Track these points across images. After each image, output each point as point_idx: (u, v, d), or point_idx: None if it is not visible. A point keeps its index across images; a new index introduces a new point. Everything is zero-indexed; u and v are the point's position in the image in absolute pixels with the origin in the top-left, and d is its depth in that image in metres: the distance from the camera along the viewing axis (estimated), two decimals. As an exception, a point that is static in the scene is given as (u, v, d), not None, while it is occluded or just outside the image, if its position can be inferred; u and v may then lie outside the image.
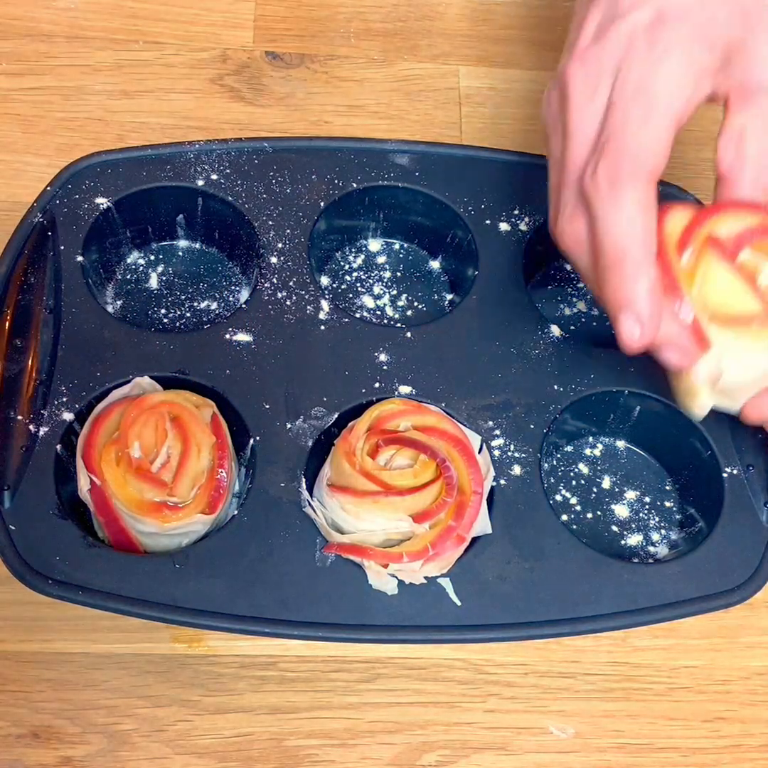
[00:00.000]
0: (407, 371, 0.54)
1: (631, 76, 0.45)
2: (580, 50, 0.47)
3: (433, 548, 0.48)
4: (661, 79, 0.45)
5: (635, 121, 0.44)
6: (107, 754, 0.49)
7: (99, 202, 0.56)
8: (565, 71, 0.47)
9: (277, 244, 0.56)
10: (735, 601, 0.50)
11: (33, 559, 0.47)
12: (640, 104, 0.44)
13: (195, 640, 0.51)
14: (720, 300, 0.46)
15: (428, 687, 0.52)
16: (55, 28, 0.68)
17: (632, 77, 0.45)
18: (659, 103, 0.45)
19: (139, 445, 0.49)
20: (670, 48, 0.45)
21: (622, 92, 0.45)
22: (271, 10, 0.71)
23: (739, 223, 0.47)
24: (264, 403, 0.52)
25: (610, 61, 0.46)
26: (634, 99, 0.45)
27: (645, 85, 0.45)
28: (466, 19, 0.73)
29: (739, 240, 0.46)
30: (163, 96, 0.67)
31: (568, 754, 0.51)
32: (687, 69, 0.45)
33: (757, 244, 0.46)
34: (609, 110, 0.45)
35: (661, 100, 0.45)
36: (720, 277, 0.46)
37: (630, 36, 0.46)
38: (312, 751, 0.50)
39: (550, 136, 0.49)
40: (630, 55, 0.45)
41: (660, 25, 0.45)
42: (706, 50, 0.45)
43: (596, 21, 0.47)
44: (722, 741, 0.52)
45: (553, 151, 0.49)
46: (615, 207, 0.44)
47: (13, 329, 0.52)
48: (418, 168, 0.59)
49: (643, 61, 0.45)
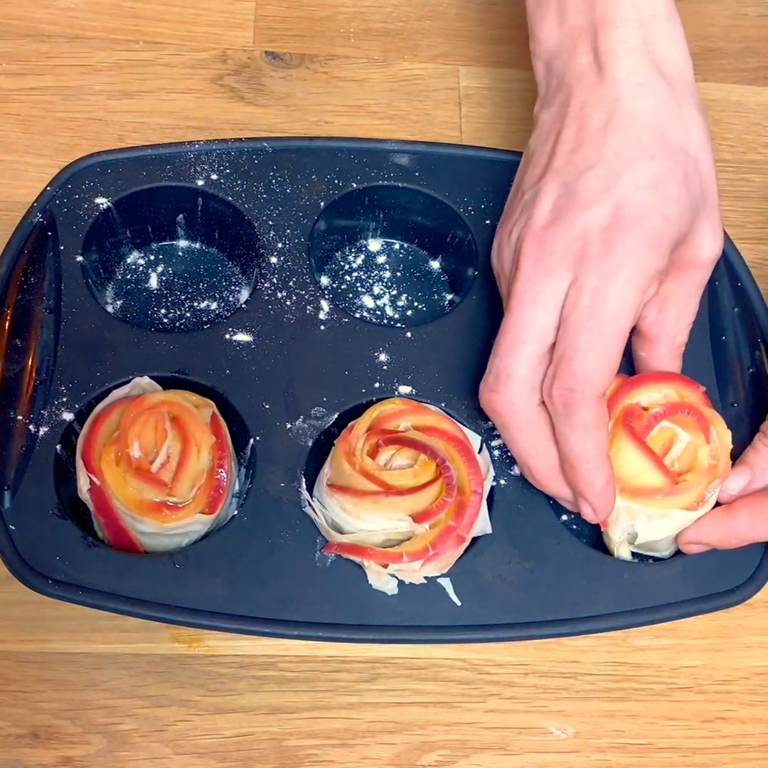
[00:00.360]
0: (407, 371, 0.54)
1: (585, 291, 0.45)
2: (537, 228, 0.47)
3: (433, 548, 0.48)
4: (613, 299, 0.45)
5: (586, 346, 0.45)
6: (107, 754, 0.49)
7: (99, 202, 0.56)
8: (521, 244, 0.47)
9: (277, 244, 0.56)
10: (735, 601, 0.50)
11: (33, 559, 0.47)
12: (591, 329, 0.45)
13: (195, 640, 0.51)
14: (629, 473, 0.50)
15: (428, 687, 0.52)
16: (55, 28, 0.68)
17: (586, 292, 0.45)
18: (611, 330, 0.45)
19: (139, 445, 0.49)
20: (624, 260, 0.45)
21: (575, 309, 0.45)
22: (271, 10, 0.71)
23: (656, 393, 0.51)
24: (264, 403, 0.52)
25: (566, 257, 0.46)
26: (587, 321, 0.45)
27: (598, 304, 0.45)
28: (466, 19, 0.73)
29: (655, 416, 0.50)
30: (163, 96, 0.67)
31: (568, 754, 0.51)
32: (640, 281, 0.46)
33: (671, 419, 0.51)
34: (562, 325, 0.46)
35: (613, 325, 0.45)
36: (629, 455, 0.50)
37: (585, 234, 0.46)
38: (312, 751, 0.50)
39: (500, 286, 0.51)
40: (586, 259, 0.45)
41: (616, 231, 0.45)
42: (658, 257, 0.46)
43: (553, 197, 0.47)
44: (722, 741, 0.52)
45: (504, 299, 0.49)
46: (570, 427, 0.46)
47: (13, 329, 0.52)
48: (418, 168, 0.59)
49: (598, 270, 0.45)
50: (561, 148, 0.48)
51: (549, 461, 0.48)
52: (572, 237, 0.46)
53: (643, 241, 0.45)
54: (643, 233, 0.45)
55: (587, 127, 0.48)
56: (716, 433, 0.51)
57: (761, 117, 0.72)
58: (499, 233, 0.51)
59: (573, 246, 0.46)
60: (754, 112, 0.72)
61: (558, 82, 0.50)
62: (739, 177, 0.69)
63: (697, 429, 0.50)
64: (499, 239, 0.50)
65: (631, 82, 0.48)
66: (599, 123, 0.47)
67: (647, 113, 0.47)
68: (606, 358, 0.45)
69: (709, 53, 0.73)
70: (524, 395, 0.46)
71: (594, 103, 0.48)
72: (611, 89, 0.48)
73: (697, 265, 0.50)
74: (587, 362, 0.45)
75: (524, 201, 0.49)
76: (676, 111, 0.48)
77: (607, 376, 0.46)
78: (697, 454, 0.50)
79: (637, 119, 0.47)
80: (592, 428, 0.46)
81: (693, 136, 0.48)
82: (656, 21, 0.48)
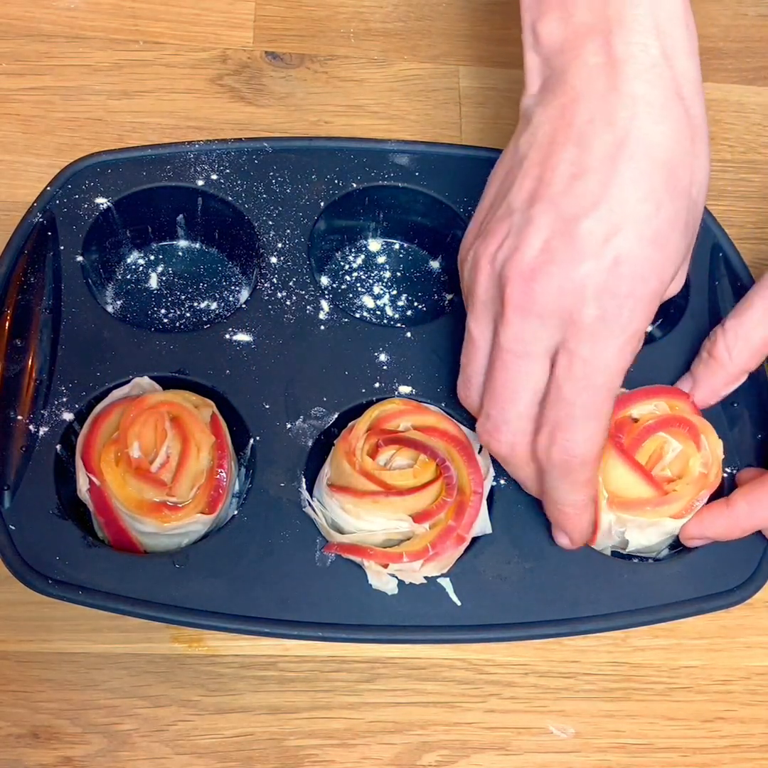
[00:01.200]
0: (407, 371, 0.54)
1: (577, 360, 0.43)
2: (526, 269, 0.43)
3: (433, 548, 0.48)
4: (606, 370, 0.43)
5: (583, 415, 0.44)
6: (107, 754, 0.49)
7: (99, 202, 0.56)
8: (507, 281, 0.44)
9: (277, 244, 0.56)
10: (735, 601, 0.50)
11: (33, 559, 0.47)
12: (586, 400, 0.43)
13: (195, 640, 0.51)
14: (618, 487, 0.50)
15: (428, 687, 0.52)
16: (55, 28, 0.68)
17: (578, 361, 0.43)
18: (605, 396, 0.44)
19: (139, 445, 0.49)
20: (617, 331, 0.43)
21: (569, 379, 0.43)
22: (271, 10, 0.71)
23: (647, 406, 0.52)
24: (264, 403, 0.52)
25: (556, 312, 0.43)
26: (582, 391, 0.43)
27: (591, 375, 0.43)
28: (466, 19, 0.73)
29: (647, 429, 0.51)
30: (163, 96, 0.67)
31: (568, 754, 0.51)
32: (632, 347, 0.44)
33: (663, 431, 0.51)
34: (554, 388, 0.44)
35: (606, 392, 0.44)
36: (618, 470, 0.50)
37: (579, 290, 0.42)
38: (312, 751, 0.50)
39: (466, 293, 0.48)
40: (579, 322, 0.43)
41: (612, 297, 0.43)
42: (648, 319, 0.44)
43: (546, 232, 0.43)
44: (722, 741, 0.52)
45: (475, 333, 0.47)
46: (563, 482, 0.46)
47: (13, 329, 0.52)
48: (418, 168, 0.59)
49: (592, 338, 0.43)
50: (561, 168, 0.43)
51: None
52: (564, 291, 0.42)
53: (638, 308, 0.43)
54: (639, 300, 0.43)
55: (594, 150, 0.43)
56: (707, 441, 0.51)
57: (761, 117, 0.72)
58: (480, 244, 0.46)
59: (564, 302, 0.43)
60: (754, 112, 0.72)
61: (558, 79, 0.46)
62: (739, 177, 0.69)
63: (688, 439, 0.51)
64: (478, 253, 0.46)
65: (649, 100, 0.43)
66: (609, 148, 0.42)
67: (662, 145, 0.43)
68: (602, 422, 0.45)
69: (709, 53, 0.73)
70: (523, 441, 0.46)
71: (605, 119, 0.43)
72: (626, 104, 0.43)
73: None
74: (586, 430, 0.44)
75: (513, 223, 0.44)
76: (689, 145, 0.44)
77: (603, 436, 0.45)
78: (688, 462, 0.51)
79: (651, 151, 0.43)
80: (586, 483, 0.46)
81: (698, 177, 0.45)
82: (675, 27, 0.44)
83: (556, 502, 0.47)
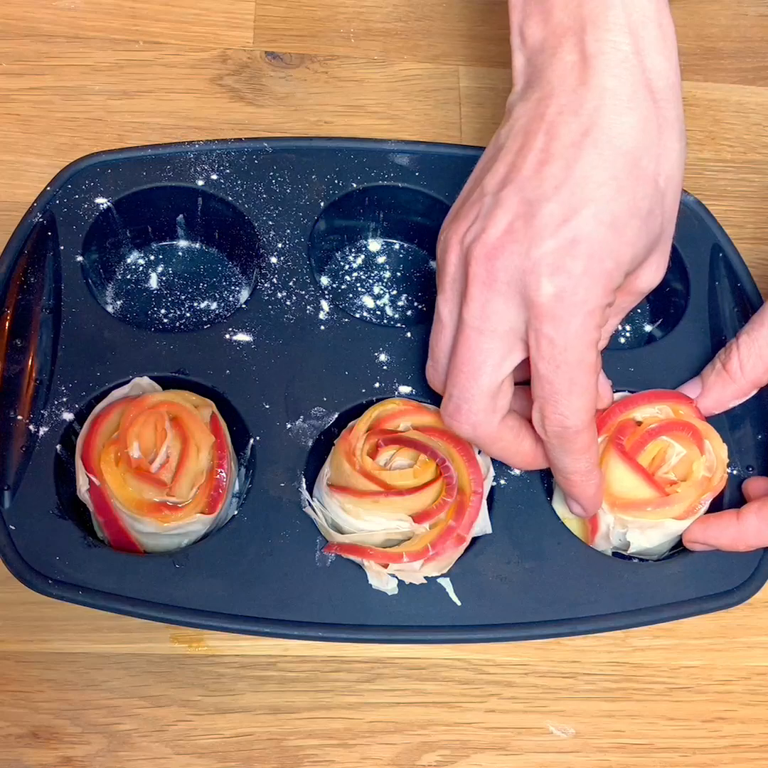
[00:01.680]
0: (407, 371, 0.54)
1: (543, 340, 0.44)
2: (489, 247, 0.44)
3: (433, 548, 0.48)
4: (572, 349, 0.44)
5: (566, 390, 0.45)
6: (107, 754, 0.49)
7: (99, 202, 0.56)
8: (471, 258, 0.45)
9: (277, 244, 0.56)
10: (735, 602, 0.50)
11: (33, 559, 0.47)
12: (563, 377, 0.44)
13: (195, 640, 0.51)
14: (619, 489, 0.51)
15: (428, 687, 0.52)
16: (55, 28, 0.68)
17: (544, 341, 0.44)
18: (581, 371, 0.44)
19: (139, 445, 0.49)
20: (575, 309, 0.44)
21: (542, 359, 0.44)
22: (271, 10, 0.71)
23: (650, 409, 0.52)
24: (264, 403, 0.52)
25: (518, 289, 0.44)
26: (557, 369, 0.44)
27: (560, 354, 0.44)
28: (466, 19, 0.73)
29: (650, 433, 0.51)
30: (163, 96, 0.67)
31: (568, 754, 0.51)
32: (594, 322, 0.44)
33: (666, 435, 0.51)
34: (533, 369, 0.45)
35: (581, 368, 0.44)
36: (619, 472, 0.51)
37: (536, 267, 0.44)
38: (312, 751, 0.50)
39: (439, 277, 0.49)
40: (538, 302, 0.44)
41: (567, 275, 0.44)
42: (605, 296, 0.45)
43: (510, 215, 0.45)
44: (722, 741, 0.52)
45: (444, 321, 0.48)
46: (564, 452, 0.47)
47: (13, 329, 0.52)
48: (418, 168, 0.59)
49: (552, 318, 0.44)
50: (531, 156, 0.45)
51: (522, 457, 0.49)
52: (523, 269, 0.44)
53: (593, 287, 0.44)
54: (595, 279, 0.44)
55: (561, 137, 0.45)
56: (711, 445, 0.51)
57: (761, 117, 0.72)
58: (452, 226, 0.47)
59: (524, 279, 0.44)
60: (754, 112, 0.72)
61: (538, 76, 0.47)
62: (739, 177, 0.69)
63: (692, 443, 0.51)
64: (449, 234, 0.47)
65: (616, 92, 0.45)
66: (575, 136, 0.44)
67: (626, 134, 0.45)
68: (587, 394, 0.45)
69: (709, 53, 0.73)
70: (485, 421, 0.47)
71: (573, 110, 0.45)
72: (594, 96, 0.45)
73: (630, 292, 0.49)
74: (571, 403, 0.45)
75: (483, 205, 0.46)
76: (655, 136, 0.45)
77: (593, 404, 0.46)
78: (692, 466, 0.51)
79: (615, 140, 0.44)
80: (585, 450, 0.47)
81: (666, 168, 0.46)
82: (647, 27, 0.46)
83: (561, 472, 0.48)
